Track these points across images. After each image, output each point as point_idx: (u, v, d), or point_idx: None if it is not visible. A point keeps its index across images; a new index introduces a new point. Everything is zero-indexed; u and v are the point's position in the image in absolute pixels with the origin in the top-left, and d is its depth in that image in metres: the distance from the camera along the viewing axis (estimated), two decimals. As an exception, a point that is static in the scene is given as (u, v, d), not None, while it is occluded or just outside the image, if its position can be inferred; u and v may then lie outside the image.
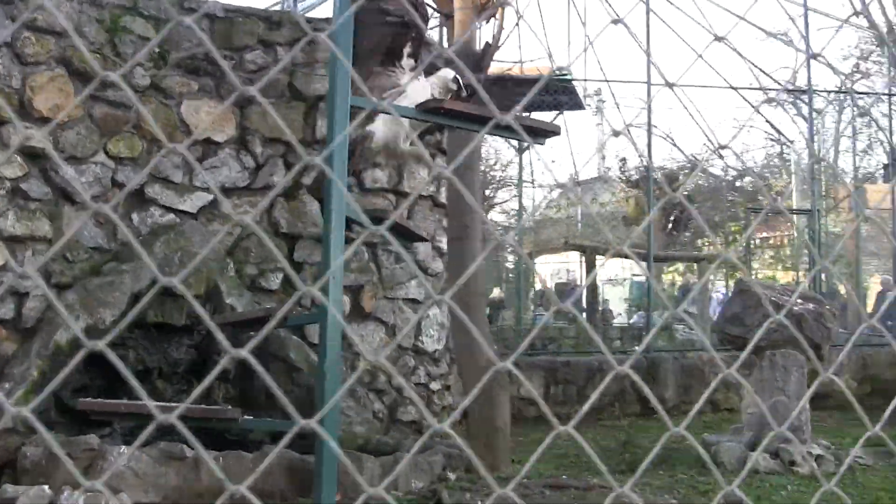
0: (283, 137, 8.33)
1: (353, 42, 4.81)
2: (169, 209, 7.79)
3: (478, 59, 8.30)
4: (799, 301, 8.19)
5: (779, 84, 24.63)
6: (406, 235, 5.85)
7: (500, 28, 9.03)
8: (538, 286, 22.08)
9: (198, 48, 8.01)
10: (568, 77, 15.13)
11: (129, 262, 7.26)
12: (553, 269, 27.00)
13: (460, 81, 5.14)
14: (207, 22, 8.25)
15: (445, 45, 9.89)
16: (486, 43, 8.64)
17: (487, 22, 8.83)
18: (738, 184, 25.77)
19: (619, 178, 24.60)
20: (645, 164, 23.07)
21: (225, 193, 8.06)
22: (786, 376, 7.99)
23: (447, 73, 5.29)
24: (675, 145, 24.47)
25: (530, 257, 18.58)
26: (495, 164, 23.04)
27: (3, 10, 7.22)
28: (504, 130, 5.34)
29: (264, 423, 6.21)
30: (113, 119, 7.60)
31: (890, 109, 19.58)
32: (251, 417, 6.10)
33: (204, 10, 8.16)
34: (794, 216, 20.15)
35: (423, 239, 6.96)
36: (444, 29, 10.66)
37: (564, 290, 24.10)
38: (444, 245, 8.91)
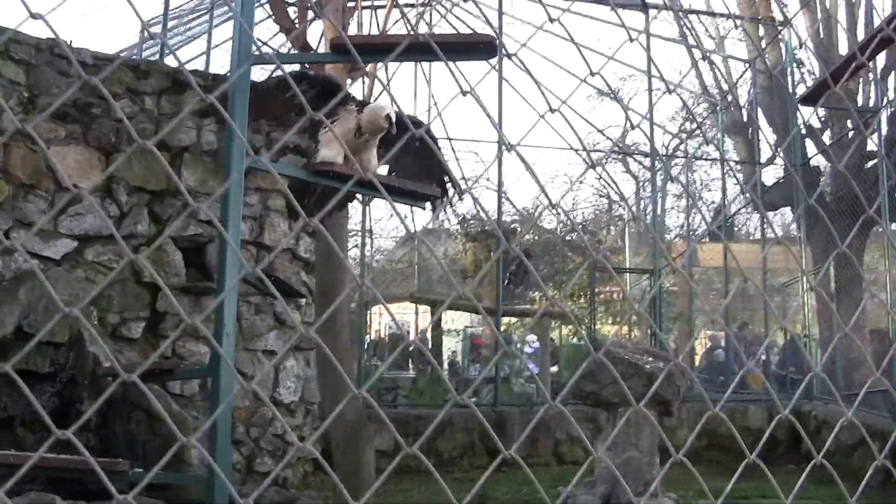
0: (147, 186, 8.36)
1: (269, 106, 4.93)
2: (33, 255, 7.75)
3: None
4: (649, 359, 8.51)
5: (610, 141, 25.41)
6: (286, 291, 5.95)
7: (371, 90, 9.24)
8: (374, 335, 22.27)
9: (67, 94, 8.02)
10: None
11: (-9, 307, 7.19)
12: (388, 319, 27.13)
13: (392, 119, 5.15)
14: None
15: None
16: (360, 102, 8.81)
17: (354, 82, 9.00)
18: (568, 238, 26.32)
19: (458, 232, 24.90)
20: (482, 218, 23.52)
21: (89, 241, 8.05)
22: (638, 432, 8.29)
23: (380, 109, 5.24)
24: (508, 199, 24.94)
25: (366, 308, 18.66)
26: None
27: None
28: (392, 195, 5.49)
29: (171, 478, 6.19)
30: (-21, 165, 7.55)
31: (723, 171, 20.36)
32: (141, 470, 6.08)
33: (73, 56, 8.15)
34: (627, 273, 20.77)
35: (300, 295, 7.07)
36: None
37: (399, 340, 24.25)
38: (301, 299, 9.00)
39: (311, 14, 10.80)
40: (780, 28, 18.65)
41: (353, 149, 5.31)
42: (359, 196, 17.99)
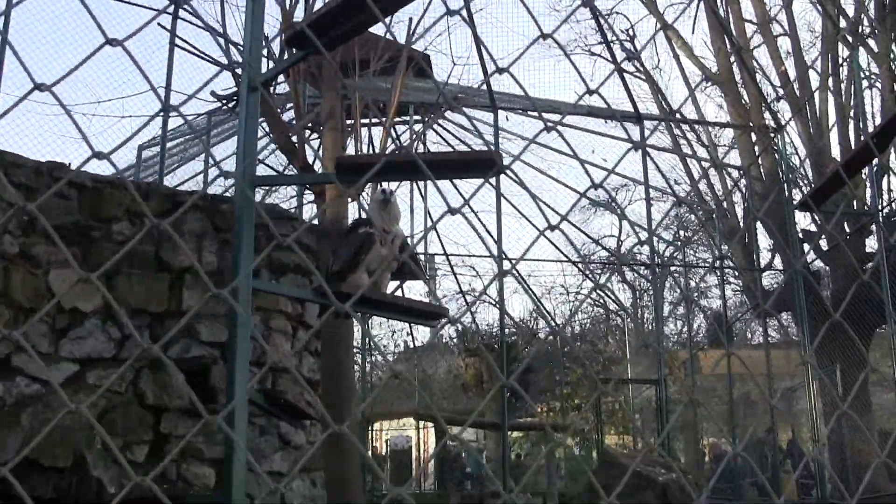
0: (149, 308, 8.29)
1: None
2: (35, 379, 7.64)
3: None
4: (661, 470, 8.39)
5: (607, 251, 25.48)
6: (295, 413, 5.87)
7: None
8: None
9: (66, 217, 7.98)
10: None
11: (-8, 433, 7.08)
12: (390, 435, 26.97)
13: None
14: (75, 191, 8.22)
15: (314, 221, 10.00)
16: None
17: (353, 201, 9.01)
18: (566, 349, 26.24)
19: (457, 347, 24.89)
20: (480, 333, 23.48)
21: (90, 364, 7.95)
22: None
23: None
24: (506, 313, 24.92)
25: (368, 424, 18.57)
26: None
27: None
28: (402, 314, 5.48)
29: None
30: (-21, 287, 7.48)
31: (722, 279, 20.41)
32: None
33: (71, 178, 8.14)
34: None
35: (311, 417, 6.97)
36: (316, 206, 10.79)
37: (400, 457, 24.14)
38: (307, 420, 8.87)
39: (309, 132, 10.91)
40: (773, 135, 18.80)
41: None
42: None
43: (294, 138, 8.78)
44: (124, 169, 15.84)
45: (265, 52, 9.68)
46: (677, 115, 21.23)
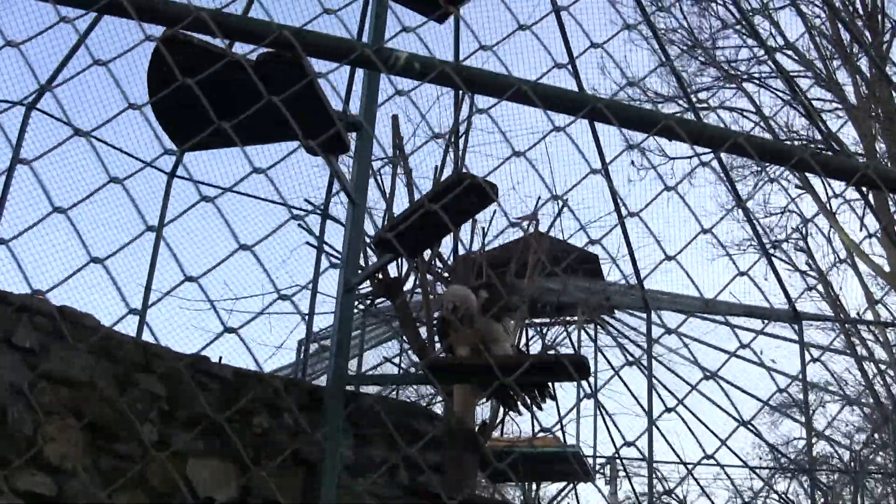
0: (284, 501, 8.45)
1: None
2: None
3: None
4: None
5: (788, 459, 24.79)
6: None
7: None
8: None
9: (206, 408, 8.26)
10: (575, 450, 15.15)
11: None
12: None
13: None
14: (217, 384, 8.52)
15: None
16: (483, 421, 8.91)
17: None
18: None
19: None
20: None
21: (222, 555, 8.12)
22: None
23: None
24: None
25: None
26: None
27: (21, 359, 7.48)
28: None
29: None
30: (119, 472, 7.74)
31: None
32: None
33: (214, 371, 8.45)
34: None
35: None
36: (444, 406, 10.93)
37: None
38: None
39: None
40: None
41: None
42: None
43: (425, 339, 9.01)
44: (286, 366, 16.16)
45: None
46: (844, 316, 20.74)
